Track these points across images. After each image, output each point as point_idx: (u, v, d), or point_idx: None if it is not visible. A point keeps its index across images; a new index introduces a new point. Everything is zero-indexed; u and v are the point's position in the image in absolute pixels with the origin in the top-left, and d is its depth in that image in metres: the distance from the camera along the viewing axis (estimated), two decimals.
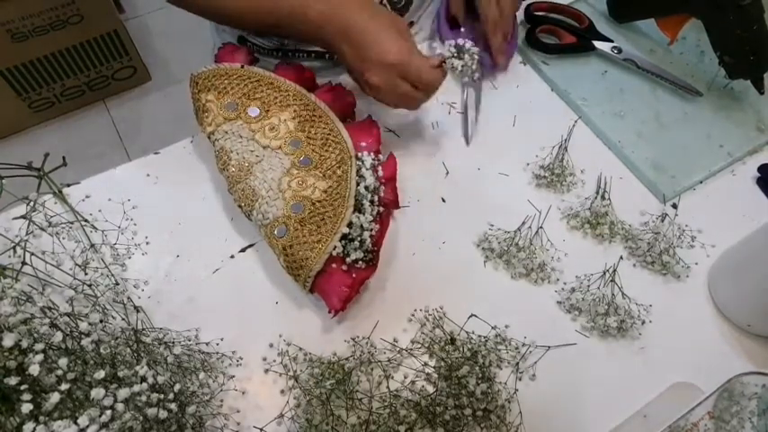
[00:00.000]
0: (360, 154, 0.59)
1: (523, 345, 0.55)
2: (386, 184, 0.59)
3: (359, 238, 0.54)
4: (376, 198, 0.57)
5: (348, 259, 0.53)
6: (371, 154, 0.59)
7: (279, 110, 0.60)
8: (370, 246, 0.54)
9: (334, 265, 0.53)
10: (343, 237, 0.54)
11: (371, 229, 0.55)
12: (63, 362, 0.41)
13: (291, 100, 0.61)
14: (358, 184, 0.56)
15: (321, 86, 0.66)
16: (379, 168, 0.59)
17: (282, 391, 0.52)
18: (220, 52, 0.66)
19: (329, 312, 0.53)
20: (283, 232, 0.54)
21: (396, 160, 0.62)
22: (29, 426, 0.38)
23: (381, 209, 0.57)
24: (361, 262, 0.54)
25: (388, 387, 0.52)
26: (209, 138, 0.61)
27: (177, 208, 0.62)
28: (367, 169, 0.57)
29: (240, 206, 0.58)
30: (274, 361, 0.54)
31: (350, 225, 0.54)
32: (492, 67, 0.73)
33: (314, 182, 0.57)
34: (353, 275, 0.53)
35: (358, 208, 0.55)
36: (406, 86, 0.59)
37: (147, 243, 0.59)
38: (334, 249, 0.53)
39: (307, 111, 0.61)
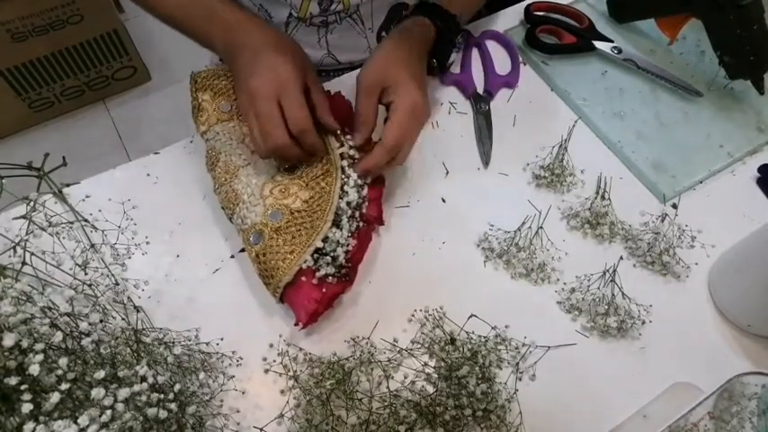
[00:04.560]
0: (346, 169, 0.57)
1: (523, 345, 0.55)
2: (370, 202, 0.58)
3: (332, 254, 0.53)
4: (357, 213, 0.55)
5: (318, 273, 0.52)
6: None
7: None
8: (344, 261, 0.53)
9: (303, 278, 0.52)
10: (317, 250, 0.53)
11: (347, 245, 0.54)
12: (63, 362, 0.41)
13: None
14: (340, 199, 0.55)
15: None
16: (365, 187, 0.57)
17: (282, 391, 0.52)
18: None
19: (295, 325, 0.53)
20: (258, 239, 0.54)
21: (384, 181, 0.61)
22: (29, 426, 0.38)
23: (362, 224, 0.56)
24: (332, 277, 0.53)
25: (388, 387, 0.52)
26: (201, 136, 0.61)
27: (177, 208, 0.62)
28: (351, 187, 0.56)
29: (223, 208, 0.58)
30: (274, 361, 0.54)
31: (325, 239, 0.53)
32: None
33: (296, 191, 0.56)
34: (323, 290, 0.52)
35: (336, 223, 0.54)
36: (252, 123, 0.54)
37: (147, 243, 0.59)
38: (304, 263, 0.52)
39: None
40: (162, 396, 0.43)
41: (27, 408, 0.39)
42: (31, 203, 0.54)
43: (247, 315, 0.57)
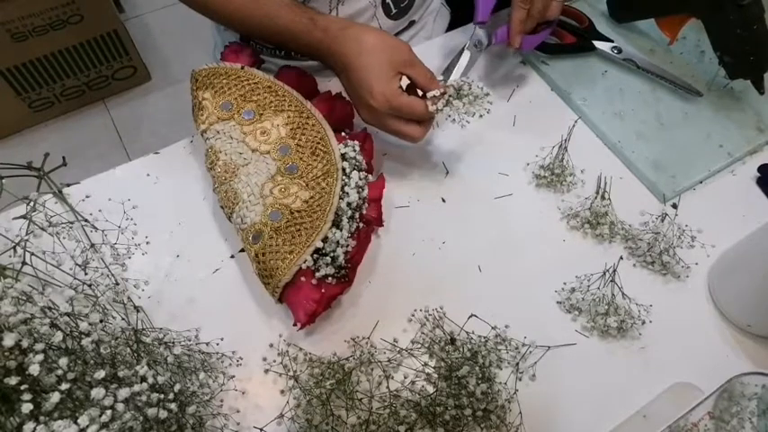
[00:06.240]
0: (347, 169, 0.57)
1: (523, 345, 0.55)
2: (370, 203, 0.58)
3: (332, 254, 0.53)
4: (357, 215, 0.55)
5: (318, 274, 0.52)
6: (359, 172, 0.57)
7: (273, 114, 0.60)
8: (343, 262, 0.53)
9: (303, 279, 0.52)
10: (316, 251, 0.53)
11: (347, 246, 0.54)
12: (63, 362, 0.41)
13: (287, 105, 0.60)
14: (341, 199, 0.55)
15: (320, 94, 0.65)
16: (366, 188, 0.57)
17: (282, 391, 0.52)
18: (226, 51, 0.66)
19: (294, 325, 0.53)
20: (258, 239, 0.54)
21: (384, 182, 0.61)
22: (29, 426, 0.38)
23: (361, 225, 0.56)
24: (331, 278, 0.53)
25: (388, 387, 0.52)
26: (201, 135, 0.61)
27: (177, 208, 0.62)
28: (351, 188, 0.56)
29: (222, 207, 0.58)
30: (274, 361, 0.54)
31: (325, 240, 0.53)
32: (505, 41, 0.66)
33: (296, 191, 0.56)
34: (323, 290, 0.52)
35: (336, 223, 0.54)
36: (397, 125, 0.58)
37: (147, 243, 0.59)
38: (304, 263, 0.52)
39: (300, 117, 0.60)
40: (162, 396, 0.43)
41: (27, 408, 0.39)
42: (31, 203, 0.54)
43: (247, 315, 0.57)
